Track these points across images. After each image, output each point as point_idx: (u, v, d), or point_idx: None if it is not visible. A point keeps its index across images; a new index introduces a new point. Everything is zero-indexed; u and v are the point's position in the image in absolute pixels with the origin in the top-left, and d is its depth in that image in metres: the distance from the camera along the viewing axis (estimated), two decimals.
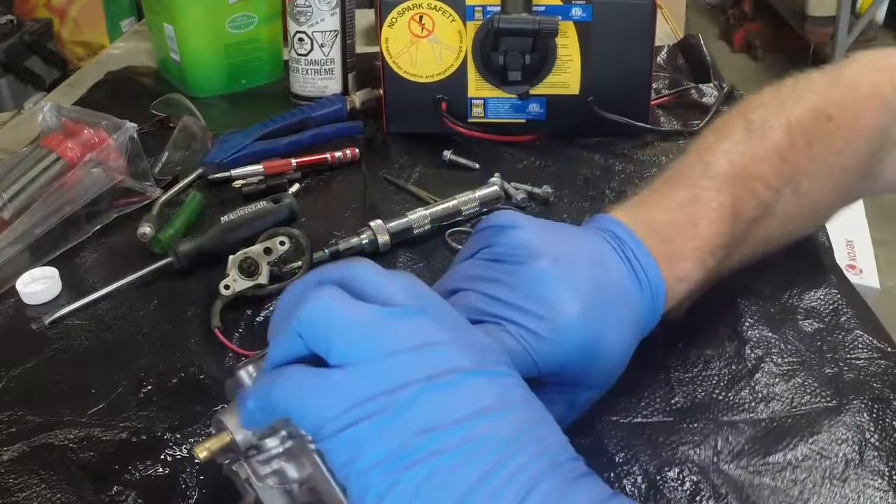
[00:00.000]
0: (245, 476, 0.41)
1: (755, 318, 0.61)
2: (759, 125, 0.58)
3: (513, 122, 0.91)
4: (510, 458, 0.35)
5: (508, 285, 0.47)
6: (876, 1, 3.35)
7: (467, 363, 0.38)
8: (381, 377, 0.37)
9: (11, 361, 0.60)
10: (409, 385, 0.36)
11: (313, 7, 0.97)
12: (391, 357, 0.37)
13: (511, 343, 0.45)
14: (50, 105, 0.81)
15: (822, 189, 0.60)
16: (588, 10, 0.86)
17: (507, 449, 0.36)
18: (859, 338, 0.59)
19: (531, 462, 0.35)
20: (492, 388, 0.38)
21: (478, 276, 0.48)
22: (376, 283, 0.40)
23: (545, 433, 0.38)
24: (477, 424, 0.36)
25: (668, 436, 0.52)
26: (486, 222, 0.51)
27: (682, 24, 2.43)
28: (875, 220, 1.32)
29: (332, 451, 0.37)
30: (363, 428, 0.36)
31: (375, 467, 0.35)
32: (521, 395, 0.39)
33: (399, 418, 0.36)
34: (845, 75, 0.62)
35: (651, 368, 0.57)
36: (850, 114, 0.60)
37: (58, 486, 0.50)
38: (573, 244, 0.50)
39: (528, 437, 0.36)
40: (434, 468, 0.35)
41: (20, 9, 2.49)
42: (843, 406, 0.53)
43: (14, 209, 0.73)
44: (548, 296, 0.46)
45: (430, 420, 0.36)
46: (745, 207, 0.55)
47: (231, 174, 0.84)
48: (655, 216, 0.54)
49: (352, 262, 0.42)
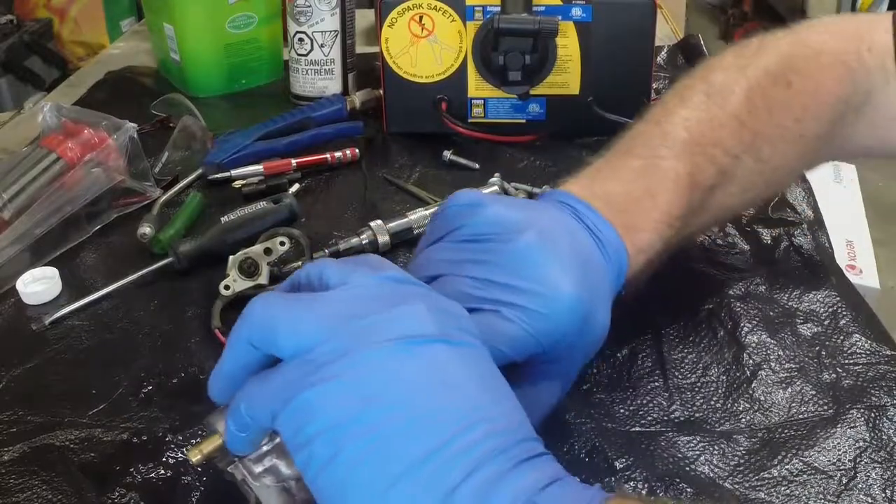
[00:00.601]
0: (241, 477, 0.41)
1: (754, 323, 0.61)
2: (718, 90, 0.58)
3: (513, 122, 0.91)
4: (458, 436, 0.34)
5: (496, 265, 0.46)
6: (876, 1, 3.35)
7: (430, 328, 0.37)
8: (332, 347, 0.36)
9: (11, 361, 0.60)
10: (359, 349, 0.35)
11: (313, 7, 0.97)
12: (341, 326, 0.36)
13: (511, 328, 0.44)
14: (50, 105, 0.81)
15: (783, 155, 0.59)
16: (588, 10, 0.86)
17: (457, 426, 0.35)
18: (858, 342, 0.59)
19: (479, 443, 0.34)
20: (452, 358, 0.36)
21: (459, 259, 0.47)
22: (336, 271, 0.40)
23: (500, 411, 0.36)
24: (430, 396, 0.35)
25: (666, 448, 0.51)
26: (448, 203, 0.49)
27: (682, 24, 2.43)
28: (875, 220, 1.32)
29: (282, 426, 0.36)
30: (308, 396, 0.35)
31: (320, 434, 0.35)
32: (480, 369, 0.37)
33: (346, 385, 0.35)
34: (811, 40, 0.61)
35: (650, 373, 0.57)
36: (812, 81, 0.59)
37: (58, 488, 0.50)
38: (546, 217, 0.49)
39: (479, 416, 0.35)
40: (378, 439, 0.34)
41: (20, 9, 2.49)
42: (841, 416, 0.53)
43: (14, 209, 0.73)
44: (540, 271, 0.45)
45: (379, 387, 0.35)
46: (704, 175, 0.55)
47: (231, 174, 0.84)
48: (611, 188, 0.53)
49: (312, 263, 0.42)
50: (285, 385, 0.36)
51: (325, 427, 0.35)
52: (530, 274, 0.45)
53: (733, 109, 0.57)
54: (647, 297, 0.63)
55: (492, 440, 0.35)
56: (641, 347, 0.59)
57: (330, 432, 0.35)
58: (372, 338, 0.36)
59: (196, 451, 0.40)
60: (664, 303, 0.63)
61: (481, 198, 0.49)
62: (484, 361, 0.38)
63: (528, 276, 0.45)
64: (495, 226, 0.47)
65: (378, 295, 0.38)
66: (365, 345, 0.36)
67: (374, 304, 0.37)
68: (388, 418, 0.34)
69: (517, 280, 0.45)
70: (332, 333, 0.36)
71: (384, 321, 0.36)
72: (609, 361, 0.58)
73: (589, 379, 0.57)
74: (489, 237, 0.47)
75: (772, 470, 0.50)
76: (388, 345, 0.36)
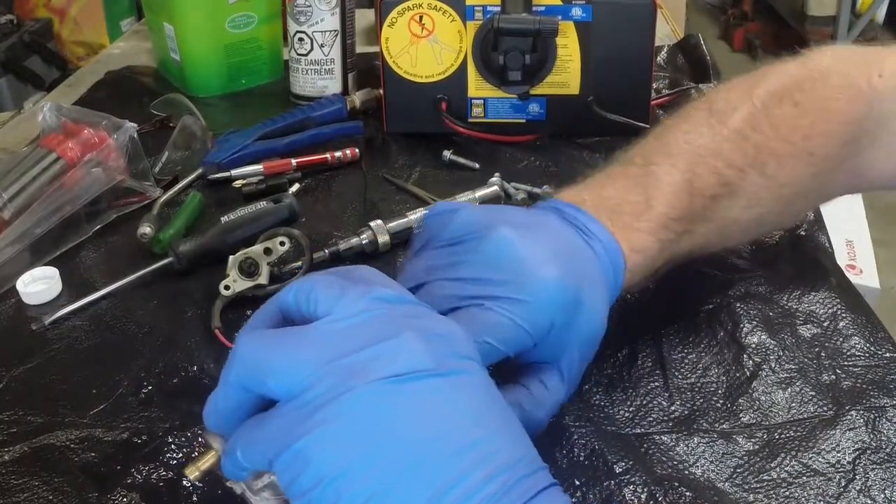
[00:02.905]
0: (240, 491, 0.41)
1: (754, 323, 0.61)
2: (721, 108, 0.58)
3: (513, 122, 0.91)
4: (455, 484, 0.34)
5: (474, 262, 0.46)
6: (876, 1, 3.35)
7: (421, 362, 0.36)
8: (323, 390, 0.35)
9: (12, 361, 0.60)
10: (350, 392, 0.34)
11: (313, 7, 0.97)
12: (331, 366, 0.35)
13: (497, 319, 0.44)
14: (50, 105, 0.81)
15: (791, 173, 0.58)
16: (588, 10, 0.85)
17: (453, 473, 0.34)
18: (857, 343, 0.59)
19: (478, 488, 0.34)
20: (445, 393, 0.36)
21: (437, 265, 0.47)
22: (324, 296, 0.38)
23: (499, 444, 0.36)
24: (422, 442, 0.34)
25: (665, 450, 0.51)
26: (426, 214, 0.50)
27: (682, 24, 2.44)
28: (875, 220, 1.32)
29: (278, 473, 0.36)
30: (301, 446, 0.35)
31: (315, 487, 0.34)
32: (476, 400, 0.37)
33: (337, 433, 0.34)
34: (818, 65, 0.61)
35: (650, 373, 0.57)
36: (820, 101, 0.58)
37: (59, 488, 0.50)
38: (522, 214, 0.49)
39: (477, 456, 0.34)
40: (373, 492, 0.33)
41: (20, 9, 2.49)
42: (840, 417, 0.53)
43: (14, 209, 0.73)
44: (519, 259, 0.45)
45: (371, 434, 0.34)
46: (704, 183, 0.55)
47: (231, 174, 0.84)
48: (603, 193, 0.53)
49: (300, 282, 0.40)
50: (279, 432, 0.36)
51: (319, 479, 0.34)
52: (508, 265, 0.45)
53: (736, 125, 0.57)
54: (647, 297, 0.64)
55: (491, 484, 0.34)
56: (641, 347, 0.59)
57: (325, 485, 0.34)
58: (362, 378, 0.35)
59: (193, 469, 0.41)
60: (664, 303, 0.63)
61: (457, 205, 0.50)
62: (480, 388, 0.37)
63: (506, 267, 0.45)
64: (470, 226, 0.47)
65: (367, 324, 0.37)
66: (355, 387, 0.35)
67: (364, 337, 0.36)
68: (381, 468, 0.34)
69: (495, 273, 0.45)
70: (322, 375, 0.35)
71: (373, 359, 0.35)
72: (609, 361, 0.58)
73: (588, 379, 0.57)
74: (465, 238, 0.47)
75: (771, 472, 0.50)
76: (378, 386, 0.35)
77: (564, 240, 0.49)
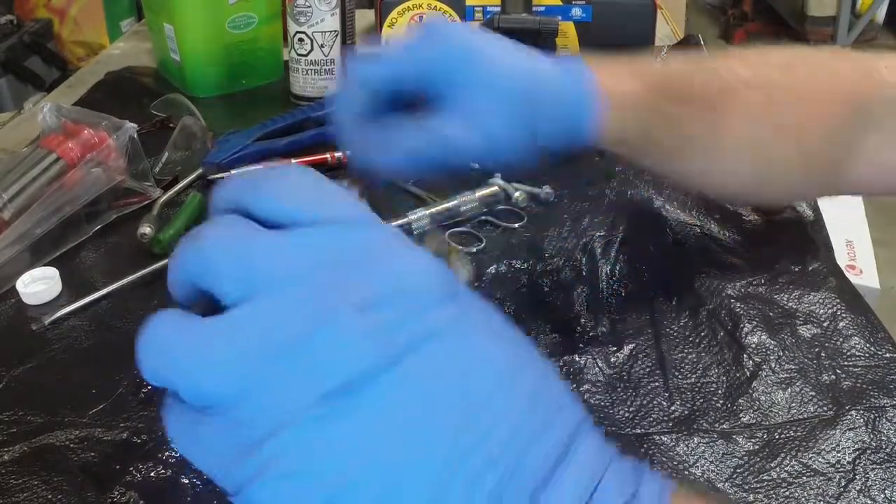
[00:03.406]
0: None
1: (754, 323, 0.61)
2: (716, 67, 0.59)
3: None
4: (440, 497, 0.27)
5: None
6: (876, 1, 3.35)
7: (368, 357, 0.28)
8: (255, 411, 0.28)
9: (11, 361, 0.60)
10: (290, 422, 0.27)
11: (313, 7, 0.97)
12: (261, 376, 0.28)
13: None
14: (50, 105, 0.81)
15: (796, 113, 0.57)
16: (588, 10, 0.86)
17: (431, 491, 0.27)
18: (857, 343, 0.59)
19: (482, 474, 0.28)
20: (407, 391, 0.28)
21: None
22: (224, 271, 0.30)
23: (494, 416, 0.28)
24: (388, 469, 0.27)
25: (665, 450, 0.51)
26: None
27: (682, 24, 2.43)
28: (875, 220, 1.32)
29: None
30: (253, 495, 0.28)
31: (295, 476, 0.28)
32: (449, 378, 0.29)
33: (287, 476, 0.27)
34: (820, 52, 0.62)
35: (650, 373, 0.57)
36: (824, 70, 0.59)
37: (58, 488, 0.50)
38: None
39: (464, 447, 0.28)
40: None
41: (20, 9, 2.49)
42: (840, 417, 0.53)
43: (14, 209, 0.73)
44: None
45: (327, 467, 0.27)
46: (696, 80, 0.57)
47: (231, 174, 0.84)
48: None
49: (190, 247, 0.31)
50: (229, 461, 0.29)
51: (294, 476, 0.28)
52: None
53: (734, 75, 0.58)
54: (647, 297, 0.64)
55: (497, 467, 0.28)
56: (641, 347, 0.59)
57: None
58: (301, 398, 0.28)
59: None
60: (664, 303, 0.63)
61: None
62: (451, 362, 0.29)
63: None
64: None
65: (290, 308, 0.29)
66: (295, 412, 0.28)
67: (296, 327, 0.28)
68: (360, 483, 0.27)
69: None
70: (250, 389, 0.28)
71: (310, 367, 0.28)
72: (609, 361, 0.58)
73: (588, 380, 0.57)
74: None
75: (771, 472, 0.50)
76: (319, 410, 0.27)
77: (496, 39, 0.53)
